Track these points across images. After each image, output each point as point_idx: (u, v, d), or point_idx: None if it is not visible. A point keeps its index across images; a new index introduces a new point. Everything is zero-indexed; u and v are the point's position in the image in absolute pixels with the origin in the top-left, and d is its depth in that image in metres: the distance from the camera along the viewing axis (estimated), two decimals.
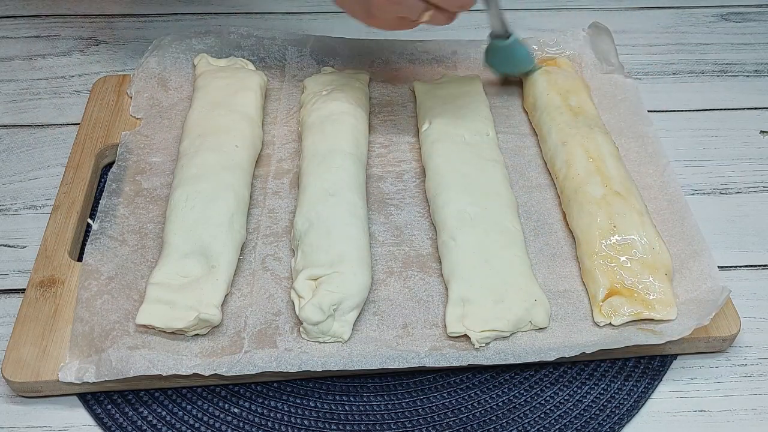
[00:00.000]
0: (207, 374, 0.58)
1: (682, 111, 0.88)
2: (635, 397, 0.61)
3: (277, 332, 0.62)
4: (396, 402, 0.61)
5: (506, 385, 0.62)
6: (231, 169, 0.70)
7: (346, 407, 0.61)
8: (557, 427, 0.59)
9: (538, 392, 0.62)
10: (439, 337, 0.62)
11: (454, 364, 0.60)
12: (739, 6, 1.04)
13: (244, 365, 0.58)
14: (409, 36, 0.96)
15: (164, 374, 0.58)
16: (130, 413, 0.60)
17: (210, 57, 0.84)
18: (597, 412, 0.60)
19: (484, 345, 0.61)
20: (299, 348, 0.60)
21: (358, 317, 0.62)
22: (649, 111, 0.81)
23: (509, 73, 0.85)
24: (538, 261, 0.68)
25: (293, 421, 0.60)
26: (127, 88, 0.83)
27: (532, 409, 0.61)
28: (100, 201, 0.71)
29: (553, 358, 0.60)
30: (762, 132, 0.86)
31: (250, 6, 1.02)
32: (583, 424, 0.60)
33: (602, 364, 0.63)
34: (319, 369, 0.59)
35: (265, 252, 0.68)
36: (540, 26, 1.00)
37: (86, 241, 0.68)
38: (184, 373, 0.58)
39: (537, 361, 0.60)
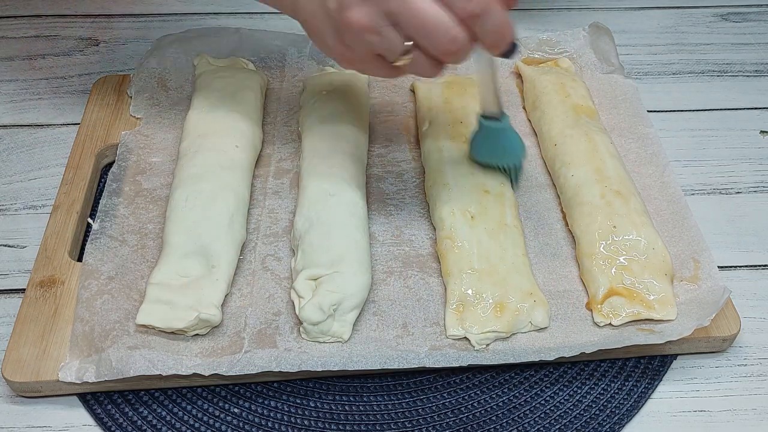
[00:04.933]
0: (207, 374, 0.58)
1: (682, 111, 0.88)
2: (635, 397, 0.61)
3: (277, 332, 0.62)
4: (396, 402, 0.61)
5: (506, 385, 0.62)
6: (231, 169, 0.70)
7: (346, 407, 0.61)
8: (557, 427, 0.59)
9: (538, 392, 0.62)
10: (439, 335, 0.62)
11: (454, 365, 0.60)
12: (739, 6, 1.04)
13: (244, 365, 0.58)
14: None
15: (164, 374, 0.58)
16: (130, 413, 0.60)
17: (210, 57, 0.84)
18: (597, 412, 0.60)
19: (484, 346, 0.61)
20: (299, 348, 0.60)
21: (358, 317, 0.62)
22: (649, 111, 0.81)
23: (495, 163, 0.71)
24: (538, 261, 0.68)
25: (293, 421, 0.60)
26: (127, 88, 0.83)
27: (532, 409, 0.61)
28: (100, 201, 0.71)
29: (552, 358, 0.60)
30: (762, 132, 0.86)
31: (250, 6, 1.02)
32: (583, 424, 0.60)
33: (602, 364, 0.63)
34: (319, 369, 0.59)
35: (265, 252, 0.68)
36: (540, 26, 1.00)
37: (86, 241, 0.68)
38: (184, 373, 0.58)
39: (537, 361, 0.60)
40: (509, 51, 0.58)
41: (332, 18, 0.57)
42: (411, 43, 0.55)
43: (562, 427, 0.59)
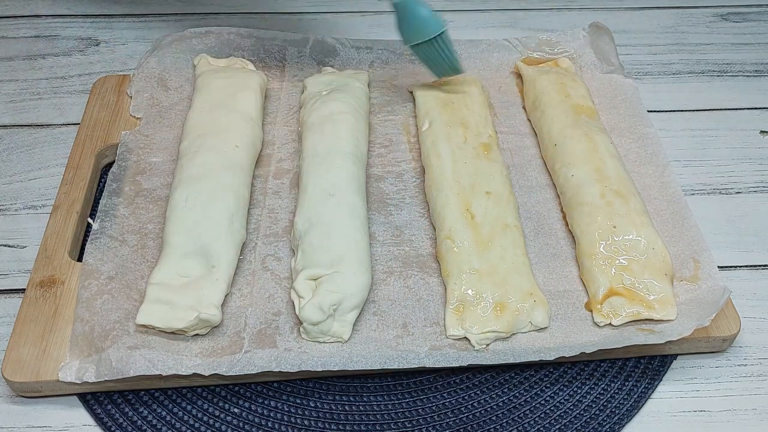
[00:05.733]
0: (207, 374, 0.58)
1: (682, 111, 0.88)
2: (635, 397, 0.61)
3: (277, 332, 0.62)
4: (396, 402, 0.61)
5: (506, 385, 0.62)
6: (231, 169, 0.70)
7: (346, 407, 0.61)
8: (557, 427, 0.60)
9: (538, 392, 0.62)
10: (439, 335, 0.62)
11: (454, 365, 0.60)
12: (739, 6, 1.04)
13: (244, 365, 0.58)
14: None
15: (164, 374, 0.58)
16: (130, 413, 0.60)
17: (210, 57, 0.84)
18: (597, 412, 0.60)
19: (484, 346, 0.61)
20: (299, 348, 0.60)
21: (358, 317, 0.62)
22: (649, 111, 0.81)
23: (422, 39, 0.75)
24: (538, 261, 0.68)
25: (293, 421, 0.60)
26: (127, 88, 0.83)
27: (532, 409, 0.61)
28: (100, 201, 0.71)
29: (552, 358, 0.60)
30: (762, 132, 0.86)
31: (250, 6, 1.02)
32: (583, 424, 0.60)
33: (602, 364, 0.63)
34: (319, 369, 0.59)
35: (265, 252, 0.68)
36: (540, 26, 1.00)
37: (86, 241, 0.68)
38: (184, 373, 0.58)
39: (537, 361, 0.60)
40: None
41: None
42: None
43: (562, 427, 0.59)
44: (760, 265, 0.72)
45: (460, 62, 0.78)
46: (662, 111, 0.88)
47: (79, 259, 0.68)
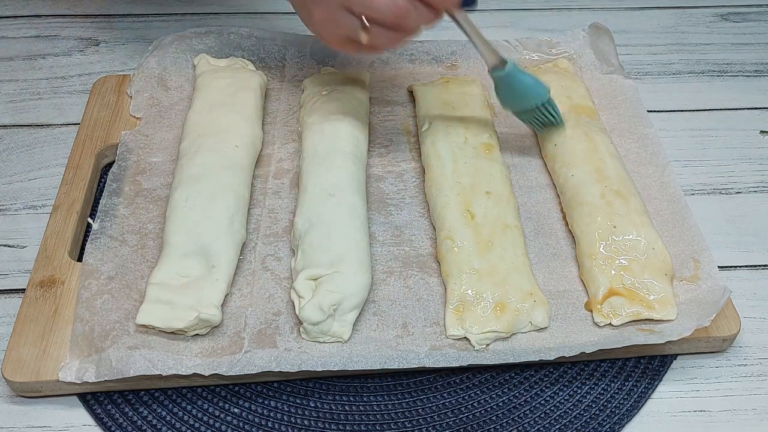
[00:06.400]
0: (207, 374, 0.58)
1: (682, 111, 0.88)
2: (635, 397, 0.62)
3: (277, 332, 0.62)
4: (396, 402, 0.61)
5: (506, 385, 0.62)
6: (231, 169, 0.70)
7: (346, 407, 0.61)
8: (557, 427, 0.60)
9: (538, 392, 0.62)
10: (439, 335, 0.62)
11: (454, 365, 0.60)
12: (739, 6, 1.04)
13: (244, 365, 0.58)
14: None
15: (164, 374, 0.58)
16: (130, 413, 0.60)
17: (210, 57, 0.84)
18: (597, 412, 0.60)
19: (484, 346, 0.61)
20: (299, 348, 0.60)
21: (358, 317, 0.62)
22: (649, 111, 0.81)
23: (526, 107, 0.74)
24: (538, 261, 0.68)
25: (293, 421, 0.60)
26: (127, 88, 0.83)
27: (532, 409, 0.61)
28: (100, 201, 0.71)
29: (552, 358, 0.60)
30: (762, 132, 0.86)
31: (250, 6, 1.02)
32: (583, 424, 0.60)
33: (602, 364, 0.63)
34: (319, 369, 0.59)
35: (265, 252, 0.68)
36: (540, 26, 1.00)
37: (86, 241, 0.68)
38: (184, 373, 0.58)
39: (537, 361, 0.60)
40: (466, 1, 0.66)
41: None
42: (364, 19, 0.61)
43: (562, 427, 0.59)
44: (760, 265, 0.72)
45: (561, 116, 0.75)
46: (662, 111, 0.88)
47: (79, 259, 0.68)
